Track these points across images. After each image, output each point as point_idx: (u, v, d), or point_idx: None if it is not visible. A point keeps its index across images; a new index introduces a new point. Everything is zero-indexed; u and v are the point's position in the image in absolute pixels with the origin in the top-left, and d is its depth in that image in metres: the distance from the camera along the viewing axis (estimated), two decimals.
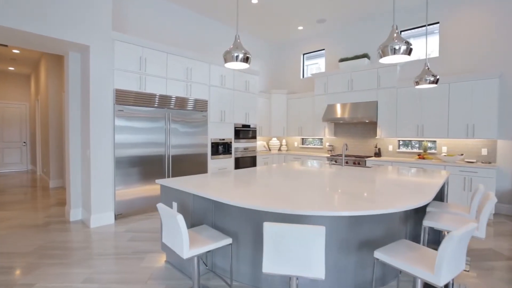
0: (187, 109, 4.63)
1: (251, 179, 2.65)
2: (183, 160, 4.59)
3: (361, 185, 2.39)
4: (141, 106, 4.02)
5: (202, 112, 4.89)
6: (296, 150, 7.14)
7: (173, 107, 4.42)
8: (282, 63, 7.43)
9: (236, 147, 5.66)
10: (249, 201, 1.81)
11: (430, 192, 2.09)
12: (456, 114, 4.53)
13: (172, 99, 4.39)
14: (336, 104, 5.85)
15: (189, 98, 4.65)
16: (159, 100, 4.22)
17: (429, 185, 2.42)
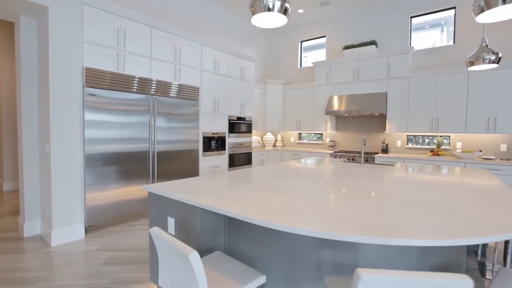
0: (175, 97, 3.87)
1: (272, 183, 2.02)
2: (170, 157, 3.84)
3: (422, 192, 1.83)
4: (119, 91, 3.23)
5: (193, 101, 4.15)
6: (292, 146, 6.57)
7: (159, 94, 3.65)
8: (278, 50, 6.80)
9: (231, 143, 4.98)
10: (303, 224, 1.17)
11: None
12: (475, 106, 4.15)
13: (157, 84, 3.62)
14: (341, 96, 5.32)
15: (178, 83, 3.90)
16: (141, 84, 3.44)
17: (508, 190, 1.91)
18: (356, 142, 5.58)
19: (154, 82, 3.58)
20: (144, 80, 3.47)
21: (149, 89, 3.54)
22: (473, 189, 1.91)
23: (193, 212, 1.59)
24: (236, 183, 1.99)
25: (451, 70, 4.29)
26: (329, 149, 5.74)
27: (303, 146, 6.41)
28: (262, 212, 1.31)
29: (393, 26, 5.10)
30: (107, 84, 3.10)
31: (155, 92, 3.60)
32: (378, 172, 2.64)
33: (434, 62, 4.72)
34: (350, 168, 2.96)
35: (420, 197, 1.63)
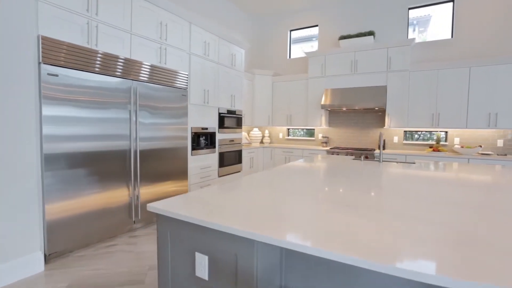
0: (161, 83, 3.17)
1: (322, 191, 1.52)
2: (155, 157, 3.15)
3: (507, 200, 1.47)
4: (91, 72, 2.47)
5: (181, 89, 3.47)
6: (281, 143, 6.14)
7: (142, 79, 2.93)
8: (266, 39, 6.28)
9: (221, 139, 4.37)
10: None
11: None
12: (477, 101, 4.08)
13: (139, 66, 2.89)
14: (338, 89, 5.00)
15: (164, 68, 3.20)
16: (119, 66, 2.70)
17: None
18: (350, 138, 5.32)
19: (135, 63, 2.84)
20: (123, 60, 2.72)
21: (129, 72, 2.80)
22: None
23: (249, 247, 1.03)
24: (277, 194, 1.46)
25: (453, 64, 4.17)
26: (322, 146, 5.42)
27: (293, 143, 6.01)
28: (358, 246, 0.81)
29: (390, 17, 4.89)
30: (73, 62, 2.33)
31: (136, 76, 2.87)
32: (408, 172, 2.29)
33: (433, 56, 4.60)
34: (375, 167, 2.58)
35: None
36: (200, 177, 3.90)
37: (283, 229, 0.98)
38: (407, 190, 1.62)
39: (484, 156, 4.00)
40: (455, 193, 1.56)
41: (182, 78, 3.45)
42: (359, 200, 1.38)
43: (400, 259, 0.76)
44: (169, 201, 1.31)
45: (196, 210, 1.18)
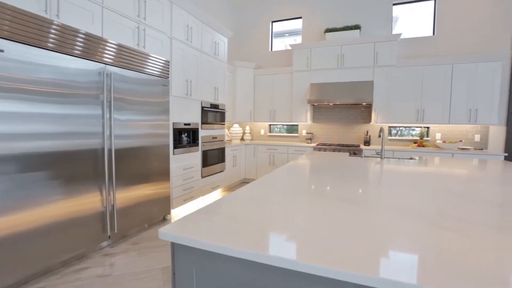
0: (139, 70, 2.67)
1: (377, 198, 1.26)
2: (133, 157, 2.65)
3: None
4: (50, 50, 1.92)
5: (162, 79, 3.00)
6: (264, 139, 5.86)
7: (117, 63, 2.42)
8: (246, 30, 5.91)
9: (204, 136, 3.95)
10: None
11: None
12: (459, 98, 4.18)
13: (113, 48, 2.38)
14: (324, 84, 4.84)
15: (143, 52, 2.70)
16: (88, 44, 2.17)
17: None
18: (334, 134, 5.22)
19: (108, 44, 2.32)
20: (93, 38, 2.20)
21: (101, 54, 2.28)
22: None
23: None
24: (326, 201, 1.16)
25: (436, 61, 4.23)
26: (307, 142, 5.25)
27: (276, 139, 5.76)
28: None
29: (375, 12, 4.84)
30: (24, 35, 1.78)
31: (110, 59, 2.36)
32: (420, 170, 2.15)
33: (417, 52, 4.64)
34: (380, 165, 2.41)
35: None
36: (183, 179, 3.46)
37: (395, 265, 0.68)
38: (454, 190, 1.43)
39: (464, 150, 4.12)
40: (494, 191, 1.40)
41: (163, 65, 2.98)
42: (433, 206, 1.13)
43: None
44: (189, 222, 0.94)
45: (240, 236, 0.83)
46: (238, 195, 1.30)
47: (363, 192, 1.37)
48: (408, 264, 0.67)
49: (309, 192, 1.36)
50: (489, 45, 4.26)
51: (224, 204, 1.15)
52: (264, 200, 1.22)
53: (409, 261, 0.69)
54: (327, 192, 1.37)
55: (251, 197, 1.26)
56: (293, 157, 4.94)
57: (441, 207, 1.14)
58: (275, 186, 1.49)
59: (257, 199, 1.23)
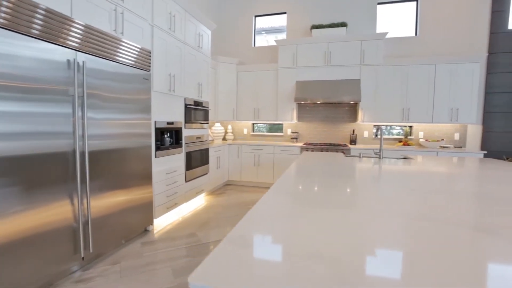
0: (116, 60, 2.29)
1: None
2: (111, 159, 2.27)
3: None
4: (4, 29, 1.52)
5: (143, 72, 2.63)
6: (247, 139, 5.62)
7: (90, 50, 2.03)
8: (228, 24, 5.61)
9: (187, 136, 3.61)
10: None
11: None
12: (441, 97, 4.28)
13: (86, 32, 1.99)
14: (311, 81, 4.71)
15: (121, 39, 2.32)
16: (53, 25, 1.77)
17: None
18: (320, 133, 5.13)
19: (78, 25, 1.93)
20: (60, 18, 1.80)
21: (70, 38, 1.88)
22: None
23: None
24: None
25: (420, 60, 4.29)
26: (292, 142, 5.10)
27: (260, 139, 5.55)
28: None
29: (360, 11, 4.81)
30: None
31: (82, 45, 1.96)
32: (428, 170, 2.07)
33: (401, 52, 4.69)
34: (385, 165, 2.30)
35: None
36: (166, 184, 3.11)
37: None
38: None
39: (444, 149, 4.23)
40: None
41: (144, 56, 2.61)
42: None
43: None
44: (230, 265, 0.68)
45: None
46: (265, 212, 1.05)
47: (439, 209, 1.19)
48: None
49: (347, 204, 1.15)
50: (468, 47, 4.41)
51: (262, 227, 0.90)
52: (306, 218, 0.99)
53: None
54: (375, 203, 1.18)
55: (283, 215, 1.02)
56: (280, 157, 4.77)
57: (487, 215, 0.99)
58: (299, 196, 1.27)
59: (294, 217, 0.99)
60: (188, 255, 2.35)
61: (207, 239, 2.68)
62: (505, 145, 4.31)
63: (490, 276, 0.60)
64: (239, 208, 3.70)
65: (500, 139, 4.33)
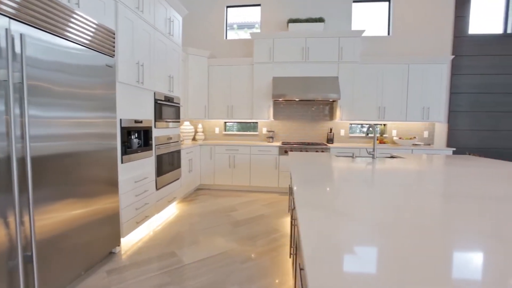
0: (70, 38, 1.76)
1: None
2: (62, 167, 1.74)
3: None
4: None
5: (106, 56, 2.10)
6: (219, 139, 5.21)
7: (31, 18, 1.49)
8: (198, 14, 5.11)
9: (158, 137, 3.11)
10: None
11: None
12: (414, 96, 4.40)
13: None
14: (289, 78, 4.49)
15: (75, 12, 1.79)
16: None
17: None
18: (297, 132, 4.96)
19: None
20: None
21: (2, 0, 1.34)
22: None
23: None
24: None
25: (394, 60, 4.36)
26: (268, 141, 4.84)
27: (233, 139, 5.18)
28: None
29: (336, 7, 4.73)
30: None
31: (19, 11, 1.42)
32: (434, 170, 1.97)
33: (375, 51, 4.72)
34: (402, 164, 2.16)
35: None
36: (135, 194, 2.59)
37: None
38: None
39: (415, 146, 4.36)
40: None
41: (106, 37, 2.08)
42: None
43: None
44: None
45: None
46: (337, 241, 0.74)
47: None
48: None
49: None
50: (436, 49, 4.60)
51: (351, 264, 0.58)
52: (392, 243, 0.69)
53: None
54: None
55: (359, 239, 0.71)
56: (257, 158, 4.48)
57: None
58: (349, 212, 0.98)
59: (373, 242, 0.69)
60: (171, 283, 1.92)
61: (189, 259, 2.26)
62: (468, 142, 4.60)
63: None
64: (216, 216, 3.31)
65: (464, 137, 4.61)
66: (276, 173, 4.46)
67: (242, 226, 3.01)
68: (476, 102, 4.55)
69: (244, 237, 2.72)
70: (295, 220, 1.56)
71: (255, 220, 3.19)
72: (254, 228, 2.96)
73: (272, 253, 2.38)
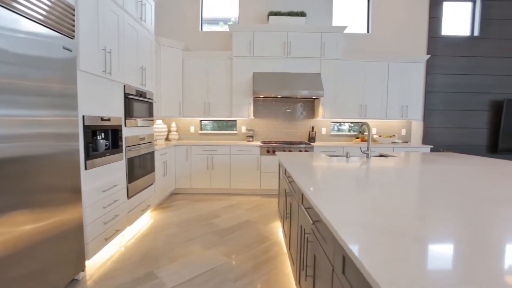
0: (13, 8, 1.34)
1: None
2: (8, 174, 1.32)
3: None
4: None
5: (63, 36, 1.68)
6: (194, 138, 4.83)
7: None
8: (172, 1, 4.66)
9: (129, 137, 2.69)
10: None
11: None
12: (394, 94, 4.43)
13: None
14: (270, 73, 4.27)
15: None
16: None
17: None
18: (277, 131, 4.76)
19: None
20: None
21: None
22: None
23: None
24: None
25: (375, 57, 4.34)
26: (248, 140, 4.58)
27: (210, 138, 4.84)
28: None
29: (318, 1, 4.60)
30: None
31: None
32: (440, 171, 1.88)
33: (356, 48, 4.68)
34: (386, 163, 2.03)
35: None
36: (102, 206, 2.18)
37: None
38: None
39: (394, 144, 4.41)
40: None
41: (62, 12, 1.67)
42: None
43: None
44: None
45: None
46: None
47: None
48: None
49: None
50: (413, 48, 4.68)
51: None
52: None
53: None
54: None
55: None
56: (237, 158, 4.20)
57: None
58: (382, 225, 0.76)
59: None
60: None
61: (171, 281, 1.92)
62: (441, 139, 4.76)
63: None
64: (198, 225, 2.98)
65: (438, 134, 4.76)
66: (258, 174, 4.22)
67: (229, 235, 2.72)
68: (449, 101, 4.72)
69: (232, 248, 2.43)
70: (307, 235, 1.32)
71: (242, 227, 2.92)
72: (242, 237, 2.69)
73: (268, 266, 2.13)
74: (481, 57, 4.66)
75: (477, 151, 4.77)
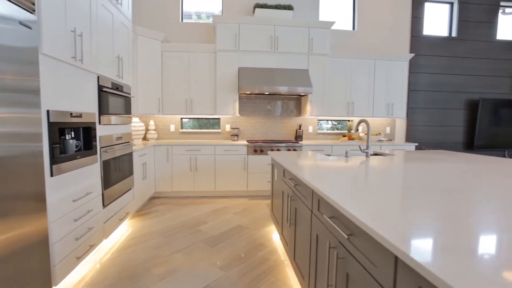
0: None
1: None
2: None
3: None
4: None
5: (21, 10, 1.33)
6: (175, 137, 4.48)
7: None
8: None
9: (104, 136, 2.34)
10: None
11: None
12: (380, 92, 4.42)
13: None
14: (256, 69, 4.05)
15: None
16: None
17: None
18: (263, 129, 4.57)
19: None
20: None
21: None
22: None
23: None
24: None
25: (362, 55, 4.30)
26: (232, 139, 4.33)
27: (192, 137, 4.52)
28: None
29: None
30: None
31: None
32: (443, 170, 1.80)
33: (342, 45, 4.61)
34: (384, 162, 1.91)
35: None
36: (73, 219, 1.83)
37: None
38: None
39: (380, 142, 4.41)
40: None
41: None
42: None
43: None
44: None
45: None
46: None
47: None
48: None
49: None
50: (397, 47, 4.71)
51: None
52: None
53: None
54: None
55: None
56: (222, 158, 3.94)
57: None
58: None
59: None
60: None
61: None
62: (423, 137, 4.85)
63: None
64: (184, 233, 2.70)
65: (420, 132, 4.84)
66: (244, 175, 3.99)
67: (220, 243, 2.47)
68: (430, 99, 4.81)
69: (227, 259, 2.19)
70: (334, 250, 1.13)
71: (234, 234, 2.68)
72: (235, 245, 2.45)
73: (269, 278, 1.92)
74: (459, 57, 4.81)
75: (455, 148, 4.93)
